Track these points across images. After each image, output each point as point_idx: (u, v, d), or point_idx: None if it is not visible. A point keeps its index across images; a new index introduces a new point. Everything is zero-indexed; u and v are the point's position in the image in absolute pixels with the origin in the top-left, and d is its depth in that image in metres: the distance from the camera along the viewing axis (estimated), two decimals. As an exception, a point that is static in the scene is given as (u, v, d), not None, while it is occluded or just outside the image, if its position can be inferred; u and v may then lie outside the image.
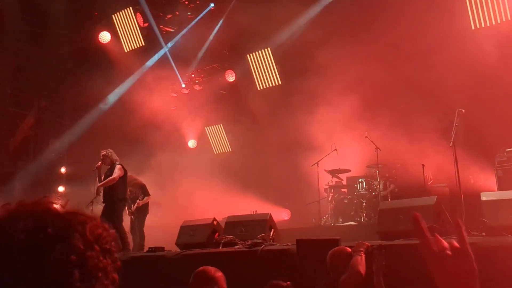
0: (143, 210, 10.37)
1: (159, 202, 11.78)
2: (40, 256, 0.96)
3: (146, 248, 9.12)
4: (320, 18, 11.67)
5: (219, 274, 3.18)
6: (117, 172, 8.74)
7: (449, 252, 1.11)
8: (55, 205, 1.07)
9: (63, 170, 14.40)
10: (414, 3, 9.89)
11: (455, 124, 7.04)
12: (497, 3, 9.37)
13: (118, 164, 8.95)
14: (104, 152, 9.01)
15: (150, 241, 8.65)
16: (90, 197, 10.02)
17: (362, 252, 4.00)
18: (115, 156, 9.10)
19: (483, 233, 5.19)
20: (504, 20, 9.32)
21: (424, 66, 9.78)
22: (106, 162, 8.99)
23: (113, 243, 1.09)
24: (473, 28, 9.64)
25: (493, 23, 9.44)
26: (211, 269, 3.22)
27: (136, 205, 10.33)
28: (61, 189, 13.95)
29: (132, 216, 10.29)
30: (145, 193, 10.60)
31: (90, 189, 11.22)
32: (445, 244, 1.12)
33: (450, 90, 9.17)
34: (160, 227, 10.57)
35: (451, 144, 6.87)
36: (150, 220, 10.83)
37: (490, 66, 9.04)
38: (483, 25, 9.55)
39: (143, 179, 11.18)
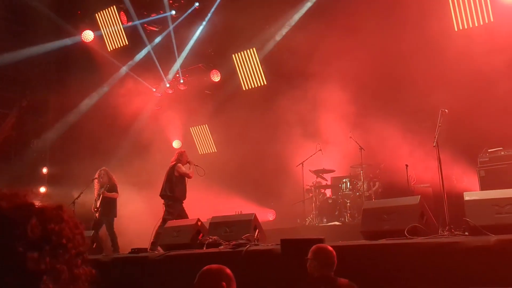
0: (112, 210, 9.91)
1: (142, 203, 11.67)
2: None
3: (121, 249, 9.08)
4: (306, 19, 11.69)
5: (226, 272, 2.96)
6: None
7: None
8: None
9: (44, 170, 14.18)
10: (400, 6, 9.94)
11: (438, 124, 7.07)
12: (479, 5, 9.48)
13: None
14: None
15: (133, 243, 8.55)
16: (72, 198, 9.86)
17: None
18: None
19: (466, 233, 5.22)
20: (486, 22, 9.44)
21: (408, 67, 9.85)
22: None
23: (72, 237, 1.03)
24: (456, 29, 9.74)
25: (476, 24, 9.55)
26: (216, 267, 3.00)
27: (100, 195, 9.81)
28: (42, 189, 13.73)
29: (96, 214, 9.81)
30: (114, 190, 10.07)
31: (72, 190, 11.05)
32: None
33: (433, 90, 9.25)
34: (143, 229, 10.45)
35: (434, 144, 6.89)
36: (133, 222, 10.71)
37: (473, 67, 9.14)
38: (466, 27, 9.65)
39: (126, 179, 11.05)
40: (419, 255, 4.57)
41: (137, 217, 11.12)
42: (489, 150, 8.59)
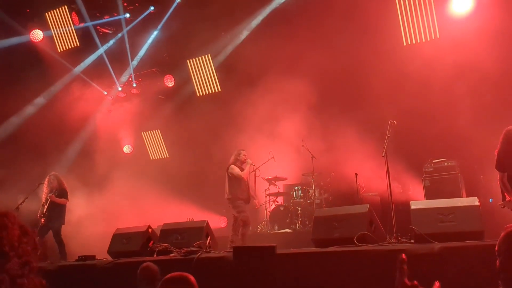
0: (59, 217, 9.44)
1: (91, 209, 11.36)
2: None
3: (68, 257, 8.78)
4: (262, 29, 11.81)
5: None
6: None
7: None
8: None
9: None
10: (356, 18, 10.22)
11: (387, 135, 7.30)
12: (427, 23, 9.91)
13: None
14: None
15: (80, 250, 8.29)
16: (16, 203, 9.43)
17: None
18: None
19: (412, 240, 5.41)
20: (433, 38, 9.87)
21: (359, 79, 10.14)
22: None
23: (17, 246, 1.01)
24: (404, 44, 10.12)
25: (423, 40, 9.97)
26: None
27: (48, 199, 9.34)
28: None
29: (42, 220, 9.31)
30: (64, 196, 9.59)
31: (16, 195, 10.58)
32: None
33: (382, 102, 9.56)
34: (92, 236, 10.18)
35: (383, 154, 7.11)
36: (81, 228, 10.40)
37: (420, 80, 9.54)
38: (414, 42, 10.05)
39: (74, 184, 10.71)
40: (367, 262, 4.69)
41: (86, 223, 10.80)
42: (433, 161, 8.97)
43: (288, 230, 9.91)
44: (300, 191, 10.54)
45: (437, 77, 9.26)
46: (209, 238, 6.83)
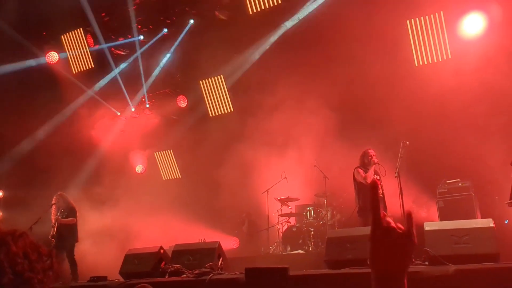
0: (71, 236, 9.49)
1: (103, 229, 11.39)
2: None
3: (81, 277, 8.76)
4: (275, 50, 11.92)
5: None
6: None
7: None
8: None
9: (0, 194, 13.67)
10: (365, 42, 10.27)
11: (399, 155, 7.28)
12: (438, 43, 9.94)
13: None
14: None
15: (92, 271, 8.29)
16: (28, 223, 9.48)
17: None
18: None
19: (426, 262, 5.33)
20: (445, 58, 9.88)
21: (371, 100, 10.14)
22: None
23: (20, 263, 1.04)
24: (416, 65, 10.14)
25: (435, 61, 9.98)
26: None
27: (55, 222, 9.35)
28: (-3, 214, 13.21)
29: (52, 240, 9.27)
30: (72, 214, 9.62)
31: (30, 215, 10.66)
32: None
33: (394, 123, 9.53)
34: (104, 256, 10.18)
35: (396, 175, 7.08)
36: (93, 248, 10.42)
37: (432, 101, 9.52)
38: (425, 63, 10.07)
39: (87, 204, 10.77)
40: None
41: (98, 243, 10.82)
42: (447, 181, 8.87)
43: (300, 251, 9.82)
44: (312, 212, 10.47)
45: (451, 98, 9.23)
46: (221, 259, 6.80)
